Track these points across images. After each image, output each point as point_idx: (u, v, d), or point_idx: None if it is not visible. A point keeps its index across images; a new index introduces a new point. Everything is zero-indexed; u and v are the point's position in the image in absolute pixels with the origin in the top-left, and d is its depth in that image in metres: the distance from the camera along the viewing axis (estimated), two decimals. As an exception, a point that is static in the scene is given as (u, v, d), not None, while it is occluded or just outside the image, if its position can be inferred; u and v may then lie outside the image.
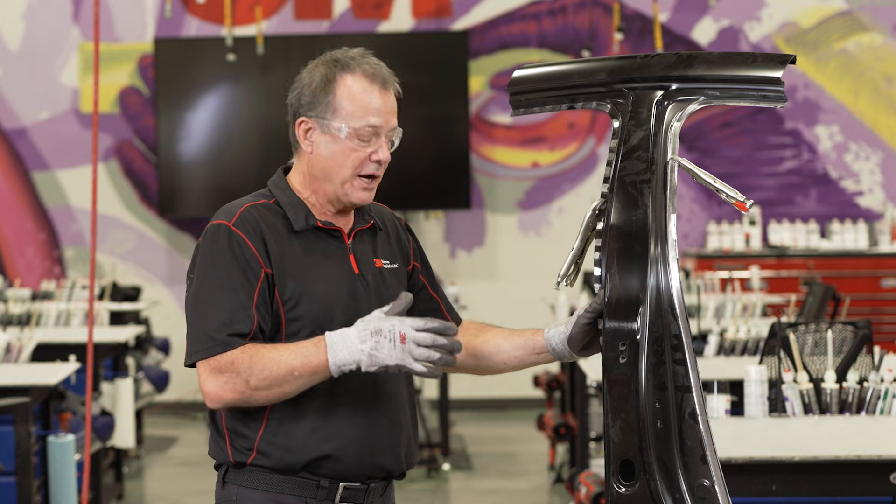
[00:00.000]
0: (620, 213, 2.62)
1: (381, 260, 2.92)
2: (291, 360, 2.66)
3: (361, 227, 2.91)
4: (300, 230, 2.83)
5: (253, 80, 11.10)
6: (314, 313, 2.77)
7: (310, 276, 2.79)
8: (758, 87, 2.58)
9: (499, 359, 2.96)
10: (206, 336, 2.70)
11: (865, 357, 4.75)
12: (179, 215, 11.33)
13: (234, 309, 2.71)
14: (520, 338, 2.93)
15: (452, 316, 3.05)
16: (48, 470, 5.90)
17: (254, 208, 2.82)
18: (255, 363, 2.67)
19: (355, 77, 2.82)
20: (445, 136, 11.18)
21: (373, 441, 2.81)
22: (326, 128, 2.82)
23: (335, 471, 2.79)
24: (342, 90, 2.82)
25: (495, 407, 11.24)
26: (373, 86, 2.82)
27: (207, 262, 2.77)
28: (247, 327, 2.70)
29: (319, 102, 2.82)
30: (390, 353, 2.63)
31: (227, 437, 2.80)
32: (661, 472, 2.53)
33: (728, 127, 11.41)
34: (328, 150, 2.83)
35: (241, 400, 2.70)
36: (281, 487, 2.78)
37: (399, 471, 2.88)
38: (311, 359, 2.66)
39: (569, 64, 2.82)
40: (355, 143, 2.81)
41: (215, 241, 2.77)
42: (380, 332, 2.63)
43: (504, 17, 11.46)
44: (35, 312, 7.53)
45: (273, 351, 2.68)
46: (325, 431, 2.77)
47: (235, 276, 2.73)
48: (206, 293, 2.74)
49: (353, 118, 2.81)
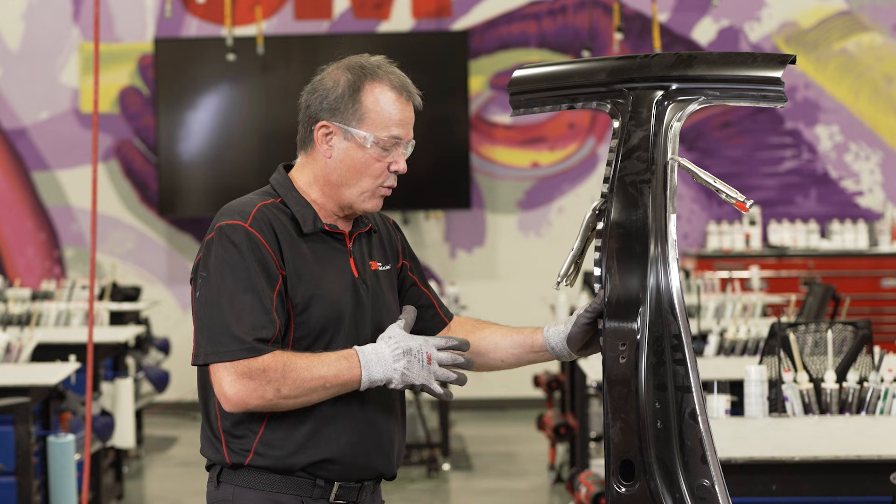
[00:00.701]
0: (620, 213, 2.62)
1: (375, 262, 2.91)
2: (324, 371, 2.68)
3: (361, 230, 2.91)
4: (308, 233, 2.82)
5: (253, 80, 11.10)
6: (324, 317, 2.76)
7: (318, 280, 2.78)
8: (758, 87, 2.58)
9: (496, 356, 2.97)
10: (231, 338, 2.67)
11: (865, 357, 4.75)
12: (179, 215, 11.32)
13: (258, 312, 2.68)
14: (518, 335, 2.93)
15: (444, 311, 3.06)
16: (48, 470, 5.90)
17: (266, 208, 2.80)
18: (288, 372, 2.66)
19: (383, 87, 2.82)
20: (445, 136, 11.17)
21: (369, 444, 2.82)
22: (350, 135, 2.81)
23: (332, 472, 2.79)
24: (370, 99, 2.81)
25: (495, 407, 11.24)
26: (400, 97, 2.83)
27: (225, 262, 2.72)
28: (270, 332, 2.68)
29: (345, 109, 2.81)
30: (419, 373, 2.70)
31: (224, 439, 2.79)
32: (661, 472, 2.53)
33: (728, 127, 11.41)
34: (350, 156, 2.82)
35: (267, 406, 2.69)
36: (278, 487, 2.78)
37: (390, 473, 2.89)
38: (343, 373, 2.69)
39: (569, 64, 2.82)
40: (378, 152, 2.81)
41: (233, 242, 2.73)
42: (410, 351, 2.69)
43: (504, 17, 11.46)
44: (35, 312, 7.53)
45: (305, 360, 2.68)
46: (323, 435, 2.77)
47: (257, 278, 2.70)
48: (227, 293, 2.70)
49: (379, 128, 2.80)
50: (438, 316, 3.03)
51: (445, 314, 3.05)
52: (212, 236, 2.76)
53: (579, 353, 2.83)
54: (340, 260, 2.85)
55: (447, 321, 3.05)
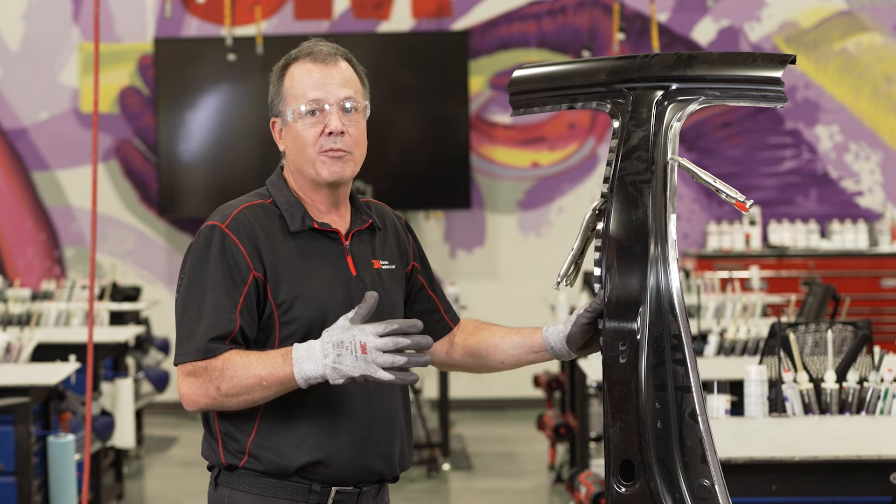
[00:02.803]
0: (620, 213, 2.62)
1: (379, 261, 2.89)
2: (260, 369, 2.65)
3: (359, 227, 2.89)
4: (296, 231, 2.82)
5: (253, 80, 11.10)
6: (308, 316, 2.76)
7: (304, 279, 2.78)
8: (758, 87, 2.58)
9: (496, 357, 2.95)
10: (189, 340, 2.71)
11: (865, 357, 4.75)
12: (179, 215, 11.33)
13: (216, 313, 2.70)
14: (517, 336, 2.92)
15: (450, 315, 3.04)
16: (48, 470, 5.90)
17: (249, 209, 2.81)
18: (226, 370, 2.66)
19: (298, 63, 2.85)
20: (445, 136, 11.17)
21: (365, 446, 2.79)
22: (284, 120, 2.85)
23: (327, 476, 2.77)
24: (287, 79, 2.85)
25: (495, 407, 11.24)
26: (312, 64, 2.83)
27: (197, 264, 2.76)
28: (226, 332, 2.70)
29: (277, 99, 2.87)
30: (353, 364, 2.59)
31: (220, 440, 2.79)
32: (661, 472, 2.53)
33: (728, 127, 11.41)
34: (291, 138, 2.85)
35: (214, 405, 2.70)
36: (272, 491, 2.77)
37: (392, 474, 2.87)
38: (277, 370, 2.64)
39: (569, 64, 2.81)
40: (307, 122, 2.81)
41: (207, 243, 2.76)
42: (341, 343, 2.59)
43: (504, 17, 11.46)
44: (35, 312, 7.53)
45: (244, 358, 2.67)
46: (316, 437, 2.76)
47: (222, 279, 2.73)
48: (192, 295, 2.74)
49: (298, 100, 2.82)
50: (444, 321, 3.02)
51: (451, 319, 3.03)
52: (194, 239, 2.81)
53: (579, 352, 2.83)
54: (335, 258, 2.84)
55: (452, 326, 3.03)
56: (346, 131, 2.81)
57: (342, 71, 2.84)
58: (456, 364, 3.00)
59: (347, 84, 2.83)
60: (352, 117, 2.83)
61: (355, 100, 2.83)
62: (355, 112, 2.83)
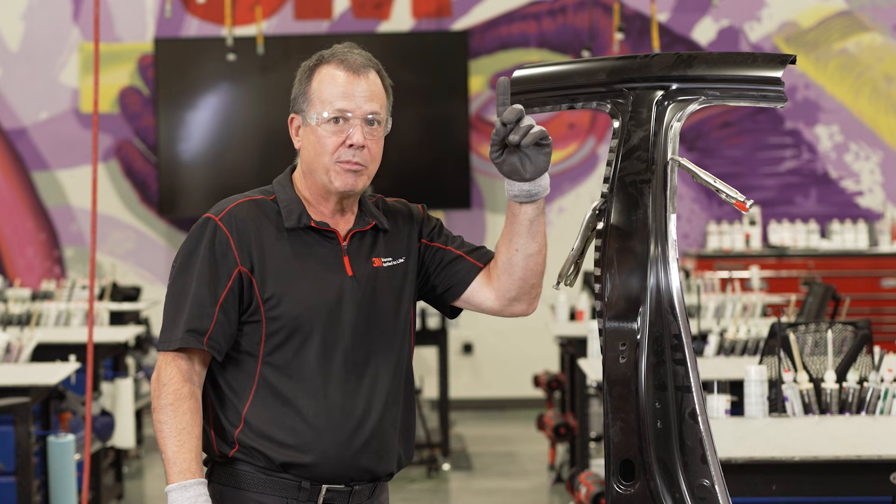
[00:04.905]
0: (620, 213, 2.62)
1: (380, 258, 2.88)
2: (167, 448, 2.75)
3: (361, 228, 2.88)
4: (291, 228, 2.82)
5: (253, 80, 11.10)
6: (294, 314, 2.77)
7: (294, 277, 2.79)
8: (758, 87, 2.59)
9: (510, 250, 2.85)
10: (170, 330, 2.77)
11: (865, 357, 4.75)
12: (179, 215, 11.32)
13: (195, 305, 2.75)
14: (505, 225, 2.85)
15: (475, 256, 2.94)
16: (48, 470, 5.90)
17: (247, 204, 2.84)
18: (172, 406, 2.73)
19: (330, 67, 2.83)
20: (445, 136, 11.17)
21: (353, 443, 2.78)
22: (305, 120, 2.84)
23: (314, 473, 2.78)
24: (316, 81, 2.83)
25: (495, 407, 11.24)
26: (342, 72, 2.81)
27: (187, 254, 2.81)
28: (203, 325, 2.74)
29: (301, 97, 2.85)
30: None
31: (213, 428, 2.82)
32: (661, 472, 2.53)
33: (728, 127, 11.41)
34: (309, 140, 2.83)
35: (152, 404, 2.79)
36: (262, 487, 2.78)
37: (385, 472, 2.85)
38: (168, 464, 2.76)
39: (569, 64, 2.82)
40: (329, 129, 2.80)
41: (199, 234, 2.81)
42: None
43: (504, 17, 11.46)
44: (35, 312, 7.53)
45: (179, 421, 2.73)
46: (303, 436, 2.76)
47: (208, 271, 2.77)
48: (179, 286, 2.79)
49: (324, 105, 2.80)
50: (469, 263, 2.93)
51: (479, 258, 2.94)
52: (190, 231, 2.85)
53: (516, 177, 2.70)
54: (331, 258, 2.83)
55: (480, 266, 2.93)
56: (367, 146, 2.81)
57: (371, 84, 2.82)
58: (510, 291, 2.93)
59: (375, 98, 2.82)
60: (373, 130, 2.82)
61: (379, 114, 2.83)
62: (377, 125, 2.83)
